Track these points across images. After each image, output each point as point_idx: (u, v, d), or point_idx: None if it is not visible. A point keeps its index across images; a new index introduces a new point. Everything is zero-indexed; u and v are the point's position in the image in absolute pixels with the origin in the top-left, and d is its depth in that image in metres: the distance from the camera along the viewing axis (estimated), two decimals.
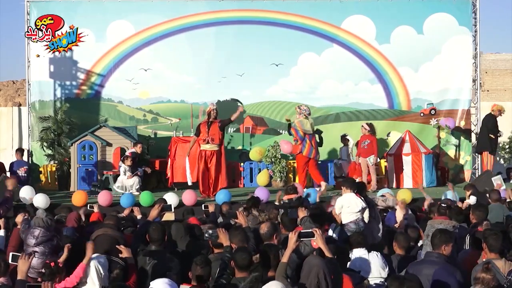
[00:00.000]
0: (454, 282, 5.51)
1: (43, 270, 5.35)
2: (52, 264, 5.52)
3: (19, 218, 7.28)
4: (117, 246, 6.11)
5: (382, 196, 9.65)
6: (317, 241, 5.44)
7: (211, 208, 9.44)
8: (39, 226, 6.36)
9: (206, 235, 6.19)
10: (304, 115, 13.58)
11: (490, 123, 14.86)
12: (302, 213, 6.80)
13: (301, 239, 5.40)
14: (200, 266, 5.19)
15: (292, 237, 5.27)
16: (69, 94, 16.75)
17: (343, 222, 7.92)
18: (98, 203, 11.29)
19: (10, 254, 5.39)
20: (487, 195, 9.67)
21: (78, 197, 11.97)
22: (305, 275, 5.16)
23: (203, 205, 9.95)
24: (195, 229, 7.28)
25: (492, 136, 14.79)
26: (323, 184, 13.01)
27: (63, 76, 16.73)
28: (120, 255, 5.98)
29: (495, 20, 49.38)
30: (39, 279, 5.41)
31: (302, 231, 5.49)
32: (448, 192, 10.96)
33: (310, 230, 5.50)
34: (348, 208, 7.94)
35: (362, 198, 8.05)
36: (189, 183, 13.29)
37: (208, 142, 12.87)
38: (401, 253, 6.86)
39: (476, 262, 6.00)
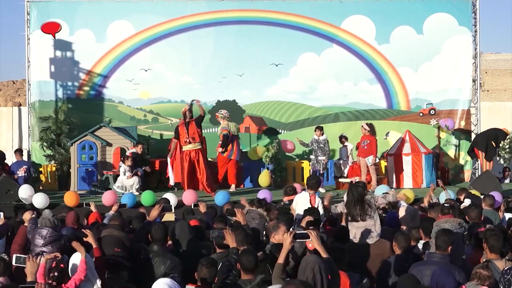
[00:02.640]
0: (452, 282, 5.50)
1: (56, 274, 5.33)
2: (62, 265, 5.53)
3: (26, 216, 7.23)
4: (82, 230, 6.15)
5: (384, 193, 9.62)
6: (313, 243, 5.43)
7: (201, 208, 9.41)
8: (46, 226, 6.36)
9: (212, 236, 6.18)
10: (226, 117, 14.35)
11: (500, 135, 14.92)
12: (309, 218, 6.88)
13: (296, 240, 5.39)
14: (206, 267, 5.20)
15: (287, 237, 5.27)
16: (69, 94, 16.77)
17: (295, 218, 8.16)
18: (100, 202, 11.27)
19: (14, 256, 5.36)
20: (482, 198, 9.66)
21: (69, 198, 11.92)
22: (301, 272, 5.17)
23: (193, 204, 9.92)
24: (199, 229, 7.27)
25: (493, 143, 14.85)
26: (233, 186, 14.13)
27: (64, 76, 16.75)
28: (85, 239, 6.00)
29: (495, 20, 49.46)
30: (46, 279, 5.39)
31: (297, 232, 5.49)
32: (442, 193, 10.92)
33: (305, 232, 5.50)
34: (301, 206, 8.33)
35: (317, 200, 8.56)
36: (172, 183, 13.40)
37: (190, 142, 12.93)
38: (400, 253, 6.84)
39: (479, 262, 6.01)
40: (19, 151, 15.59)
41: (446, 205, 7.53)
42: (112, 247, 6.13)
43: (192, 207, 9.78)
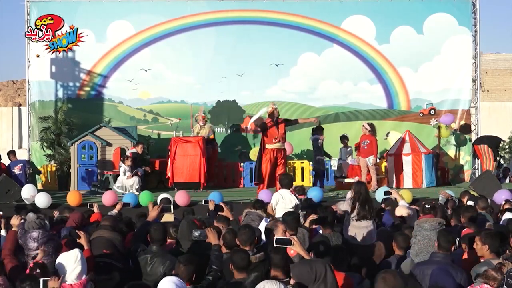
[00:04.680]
0: (451, 283, 5.50)
1: (38, 270, 5.32)
2: (41, 261, 5.53)
3: (14, 221, 7.04)
4: (77, 231, 6.15)
5: (388, 193, 9.64)
6: (295, 248, 5.41)
7: (211, 205, 9.38)
8: (35, 229, 6.30)
9: (195, 234, 6.16)
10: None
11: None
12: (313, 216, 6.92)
13: (278, 245, 5.37)
14: (183, 264, 5.20)
15: None
16: (70, 94, 16.77)
17: (276, 216, 8.17)
18: (101, 202, 11.26)
19: (41, 280, 5.24)
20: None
21: (72, 197, 11.93)
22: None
23: (203, 200, 9.89)
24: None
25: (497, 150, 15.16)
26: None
27: (64, 76, 16.75)
28: (78, 240, 6.03)
29: (495, 20, 49.47)
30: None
31: (279, 237, 5.47)
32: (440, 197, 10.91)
33: (287, 238, 5.47)
34: (282, 203, 8.47)
35: (296, 195, 8.70)
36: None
37: (278, 141, 12.87)
38: (401, 254, 6.86)
39: (473, 262, 6.02)
40: (12, 153, 15.64)
41: (426, 206, 7.55)
42: (101, 248, 6.13)
43: (203, 203, 9.63)
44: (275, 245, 5.36)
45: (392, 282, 4.36)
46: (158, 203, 9.87)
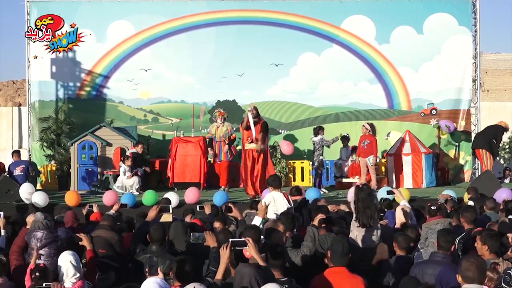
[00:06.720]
0: (457, 282, 5.50)
1: (37, 274, 5.31)
2: (42, 265, 5.51)
3: (30, 219, 7.13)
4: (77, 234, 6.16)
5: (391, 192, 9.60)
6: (250, 251, 5.39)
7: (207, 209, 9.36)
8: (40, 229, 6.32)
9: (193, 238, 6.16)
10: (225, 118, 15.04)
11: (499, 132, 14.93)
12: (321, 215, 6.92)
13: (234, 247, 5.36)
14: (178, 264, 5.20)
15: (225, 251, 5.18)
16: (70, 94, 16.77)
17: (267, 217, 8.05)
18: (101, 202, 11.26)
19: (44, 285, 5.21)
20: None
21: (70, 197, 11.93)
22: (237, 284, 5.13)
23: (198, 206, 9.87)
24: (196, 228, 7.24)
25: (495, 141, 14.86)
26: (223, 187, 14.27)
27: (64, 77, 16.75)
28: (80, 243, 6.03)
29: (495, 20, 49.48)
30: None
31: (234, 240, 5.44)
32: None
33: (243, 239, 5.44)
34: (274, 207, 8.29)
35: (289, 199, 8.54)
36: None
37: (251, 142, 12.71)
38: (402, 254, 6.84)
39: None
40: (16, 152, 15.64)
41: (432, 207, 7.50)
42: (98, 248, 6.12)
43: (198, 209, 9.64)
44: (231, 248, 5.29)
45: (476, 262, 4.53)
46: (157, 203, 9.85)
